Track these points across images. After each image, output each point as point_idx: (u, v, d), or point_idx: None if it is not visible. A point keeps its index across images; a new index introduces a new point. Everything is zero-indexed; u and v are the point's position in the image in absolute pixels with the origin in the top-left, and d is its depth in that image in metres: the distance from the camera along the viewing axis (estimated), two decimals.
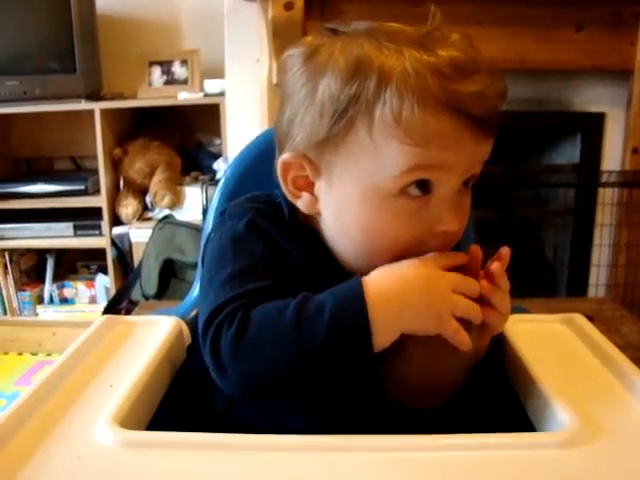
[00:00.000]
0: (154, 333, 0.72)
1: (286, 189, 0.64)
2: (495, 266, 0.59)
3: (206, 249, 0.66)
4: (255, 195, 0.70)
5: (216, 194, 0.86)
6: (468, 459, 0.49)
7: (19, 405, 0.55)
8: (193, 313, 0.81)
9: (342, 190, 0.60)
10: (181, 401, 0.69)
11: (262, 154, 0.87)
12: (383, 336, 0.54)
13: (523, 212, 2.38)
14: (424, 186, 0.57)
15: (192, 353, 0.73)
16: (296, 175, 0.63)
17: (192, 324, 0.75)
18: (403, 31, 0.58)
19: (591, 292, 2.22)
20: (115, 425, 0.53)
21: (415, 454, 0.50)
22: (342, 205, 0.61)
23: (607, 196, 2.14)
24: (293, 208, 0.66)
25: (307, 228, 0.65)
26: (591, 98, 2.15)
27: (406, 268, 0.57)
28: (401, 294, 0.55)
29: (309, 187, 0.63)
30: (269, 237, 0.63)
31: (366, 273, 0.58)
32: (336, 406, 0.60)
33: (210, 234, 0.68)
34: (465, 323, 0.56)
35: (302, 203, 0.64)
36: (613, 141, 2.17)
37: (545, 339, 0.70)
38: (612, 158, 2.17)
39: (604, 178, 2.12)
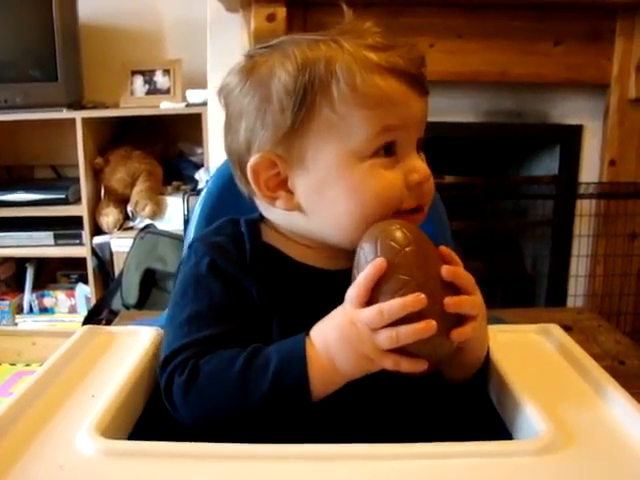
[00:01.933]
0: (135, 343, 0.72)
1: (261, 194, 0.67)
2: (441, 248, 0.62)
3: (176, 278, 0.70)
4: (221, 225, 0.73)
5: (197, 205, 0.86)
6: (445, 466, 0.50)
7: (1, 414, 0.55)
8: None
9: (320, 168, 0.64)
10: (162, 411, 0.69)
11: None
12: (325, 389, 0.58)
13: (502, 223, 2.41)
14: (390, 149, 0.63)
15: None
16: (268, 177, 0.66)
17: None
18: (324, 32, 0.66)
19: (570, 302, 2.24)
20: (97, 434, 0.53)
21: (391, 462, 0.50)
22: (324, 182, 0.64)
23: (585, 207, 2.16)
24: (256, 236, 0.69)
25: (271, 255, 0.68)
26: (569, 111, 2.18)
27: (328, 321, 0.60)
28: (328, 349, 0.58)
29: (283, 185, 0.66)
30: (229, 276, 0.65)
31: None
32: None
33: (179, 266, 0.71)
34: (442, 324, 0.55)
35: (280, 203, 0.67)
36: (591, 153, 2.20)
37: (521, 349, 0.71)
38: (590, 170, 2.20)
39: (582, 190, 2.15)
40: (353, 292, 0.58)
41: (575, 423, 0.55)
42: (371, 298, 0.57)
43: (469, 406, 0.67)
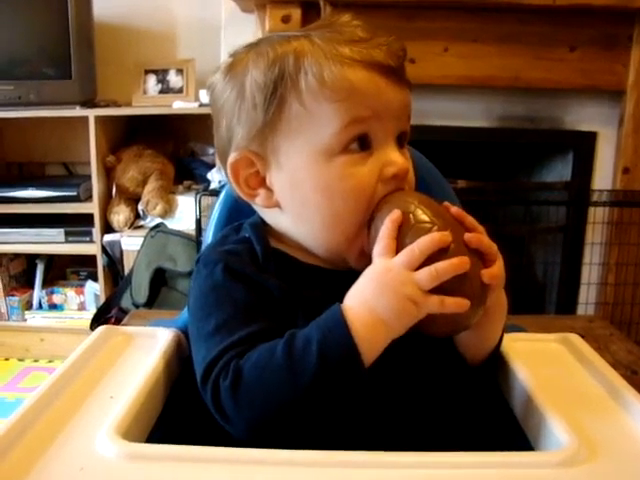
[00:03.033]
0: (153, 345, 0.72)
1: (241, 191, 0.68)
2: (454, 210, 0.61)
3: (189, 297, 0.68)
4: (223, 236, 0.73)
5: (216, 206, 0.86)
6: (467, 477, 0.50)
7: (19, 415, 0.55)
8: None
9: (292, 165, 0.64)
10: (180, 413, 0.69)
11: None
12: (372, 352, 0.55)
13: (514, 229, 2.40)
14: (364, 142, 0.63)
15: (191, 365, 0.73)
16: (247, 175, 0.67)
17: None
18: (302, 28, 0.67)
19: (580, 310, 2.23)
20: (117, 437, 0.53)
21: (413, 471, 0.50)
22: (296, 180, 0.64)
23: (597, 215, 2.15)
24: (264, 238, 0.68)
25: (281, 255, 0.67)
26: (583, 117, 2.17)
27: (359, 283, 0.59)
28: (368, 304, 0.56)
29: (262, 183, 0.67)
30: (246, 277, 0.64)
31: (345, 263, 0.65)
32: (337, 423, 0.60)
33: (191, 284, 0.69)
34: (458, 280, 0.55)
35: (260, 200, 0.67)
36: (604, 160, 2.19)
37: (541, 358, 0.71)
38: (603, 177, 2.19)
39: (595, 197, 2.14)
40: (379, 246, 0.59)
41: (598, 435, 0.55)
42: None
43: (489, 414, 0.67)
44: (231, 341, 0.59)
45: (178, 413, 0.68)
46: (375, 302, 0.56)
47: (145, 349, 0.71)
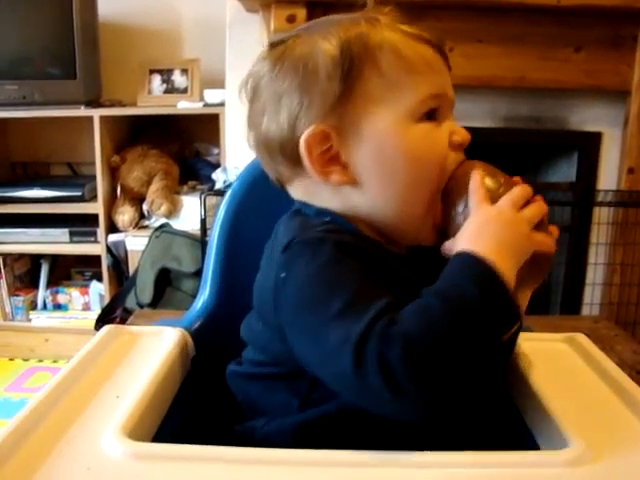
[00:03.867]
0: (159, 344, 0.72)
1: (315, 170, 0.65)
2: (516, 179, 0.67)
3: (281, 294, 0.60)
4: (303, 222, 0.66)
5: (222, 206, 0.86)
6: (473, 476, 0.50)
7: (25, 415, 0.55)
8: (197, 324, 0.81)
9: (376, 133, 0.64)
10: (186, 413, 0.69)
11: None
12: (511, 286, 0.57)
13: None
14: (433, 114, 0.66)
15: (197, 365, 0.73)
16: (319, 152, 0.65)
17: (197, 336, 0.75)
18: (351, 15, 0.68)
19: (585, 311, 2.23)
20: (123, 436, 0.53)
21: (418, 471, 0.50)
22: (382, 146, 0.64)
23: (602, 215, 2.15)
24: (345, 220, 0.66)
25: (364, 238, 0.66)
26: (588, 117, 2.17)
27: (475, 223, 0.62)
28: (498, 243, 0.59)
29: (335, 160, 0.65)
30: (360, 251, 0.61)
31: (414, 241, 0.68)
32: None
33: (280, 276, 0.60)
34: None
35: (335, 177, 0.65)
36: (609, 161, 2.18)
37: (548, 358, 0.71)
38: (608, 177, 2.18)
39: (600, 197, 2.14)
40: (477, 196, 0.63)
41: (605, 435, 0.55)
42: None
43: (495, 413, 0.67)
44: (374, 312, 0.53)
45: (185, 412, 0.68)
46: (497, 241, 0.59)
47: (151, 348, 0.71)
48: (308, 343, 0.57)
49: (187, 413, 0.68)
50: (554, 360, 0.71)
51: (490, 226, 0.60)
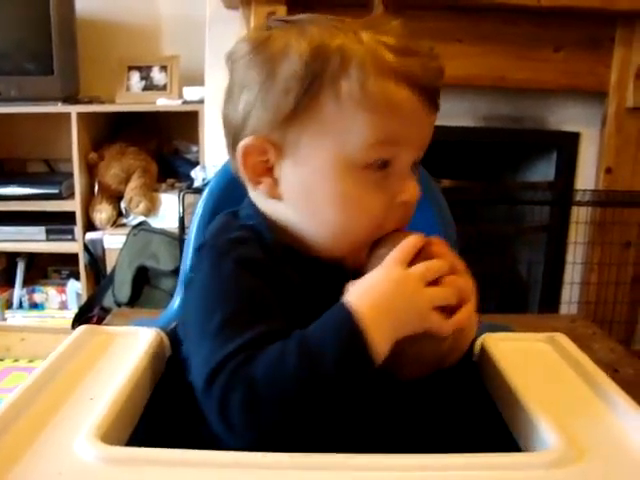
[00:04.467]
0: (134, 344, 0.70)
1: (246, 176, 0.65)
2: (436, 248, 0.62)
3: (187, 290, 0.65)
4: (224, 223, 0.69)
5: (200, 204, 0.85)
6: (454, 479, 0.49)
7: None
8: (173, 325, 0.80)
9: (310, 165, 0.62)
10: (160, 415, 0.67)
11: None
12: (380, 353, 0.55)
13: (497, 228, 2.40)
14: (386, 163, 0.61)
15: (172, 365, 0.72)
16: (256, 161, 0.64)
17: (173, 335, 0.74)
18: (349, 19, 0.64)
19: (563, 309, 2.24)
20: (96, 440, 0.51)
21: (400, 474, 0.49)
22: (311, 181, 0.62)
23: (581, 215, 2.16)
24: (274, 227, 0.66)
25: (284, 247, 0.65)
26: (567, 117, 2.18)
27: (376, 279, 0.58)
28: (383, 307, 0.56)
29: (269, 172, 0.64)
30: (261, 267, 0.61)
31: (342, 258, 0.64)
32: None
33: (189, 275, 0.66)
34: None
35: (263, 188, 0.65)
36: (587, 160, 2.20)
37: (528, 358, 0.70)
38: (586, 177, 2.20)
39: (578, 197, 2.15)
40: (398, 253, 0.59)
41: (587, 436, 0.54)
42: None
43: (474, 414, 0.66)
44: (240, 343, 0.55)
45: (160, 414, 0.67)
46: (388, 306, 0.56)
47: (126, 349, 0.69)
48: (190, 344, 0.62)
49: (162, 414, 0.67)
50: (535, 360, 0.70)
51: (385, 287, 0.57)
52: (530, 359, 0.70)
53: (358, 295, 0.57)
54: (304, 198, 0.63)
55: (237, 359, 0.54)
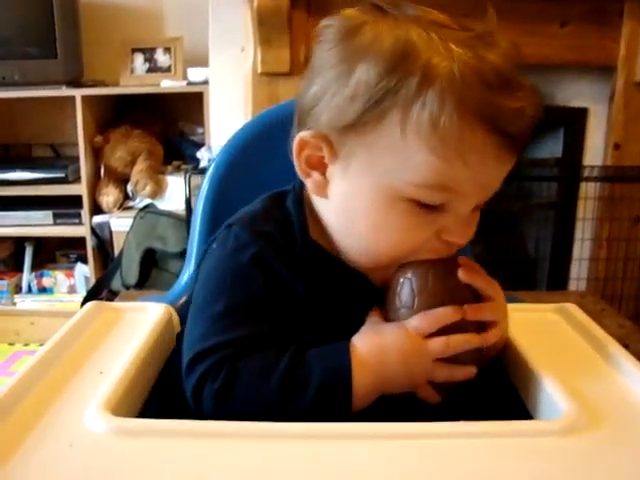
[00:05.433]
0: (143, 320, 0.70)
1: (298, 166, 0.62)
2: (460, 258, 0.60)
3: (204, 259, 0.64)
4: (267, 207, 0.66)
5: (205, 181, 0.85)
6: (467, 447, 0.49)
7: (7, 392, 0.54)
8: (182, 300, 0.80)
9: (357, 180, 0.58)
10: (170, 389, 0.67)
11: (252, 141, 0.86)
12: (362, 403, 0.56)
13: (505, 205, 2.39)
14: (436, 207, 0.57)
15: (182, 341, 0.72)
16: (311, 154, 0.60)
17: (182, 312, 0.74)
18: (452, 26, 0.55)
19: (572, 286, 2.24)
20: (106, 412, 0.51)
21: (413, 441, 0.49)
22: (353, 195, 0.59)
23: (589, 190, 2.15)
24: (306, 229, 0.64)
25: (318, 254, 0.63)
26: (574, 93, 2.16)
27: (389, 339, 0.58)
28: (382, 369, 0.56)
29: (322, 167, 0.61)
30: (274, 272, 0.60)
31: (369, 269, 0.62)
32: None
33: (212, 244, 0.64)
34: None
35: (311, 183, 0.62)
36: (595, 136, 2.18)
37: (539, 328, 0.70)
38: (594, 153, 2.18)
39: (586, 173, 2.13)
40: (425, 324, 0.57)
41: (598, 403, 0.54)
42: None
43: (486, 384, 0.66)
44: (233, 337, 0.56)
45: (170, 388, 0.67)
46: (390, 370, 0.57)
47: (135, 324, 0.69)
48: (191, 316, 0.62)
49: (172, 389, 0.67)
50: (545, 329, 0.70)
51: (394, 356, 0.57)
52: (541, 329, 0.70)
53: (364, 346, 0.57)
54: (345, 208, 0.61)
55: (223, 352, 0.56)
